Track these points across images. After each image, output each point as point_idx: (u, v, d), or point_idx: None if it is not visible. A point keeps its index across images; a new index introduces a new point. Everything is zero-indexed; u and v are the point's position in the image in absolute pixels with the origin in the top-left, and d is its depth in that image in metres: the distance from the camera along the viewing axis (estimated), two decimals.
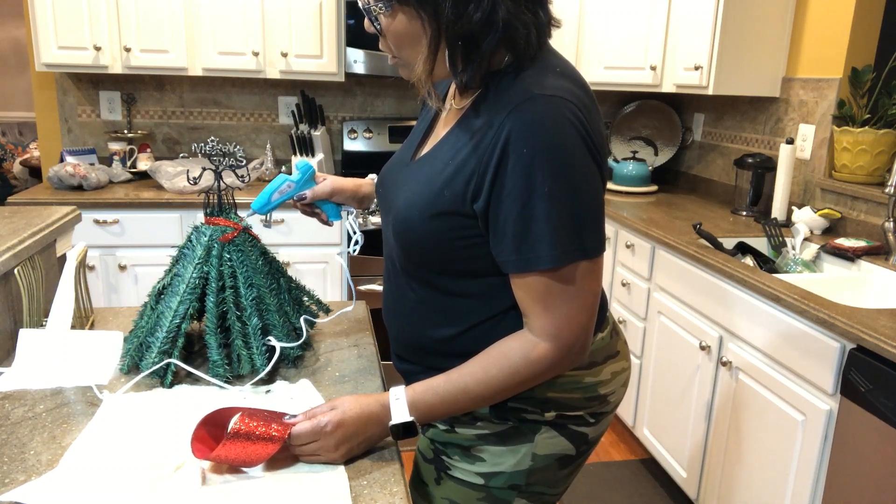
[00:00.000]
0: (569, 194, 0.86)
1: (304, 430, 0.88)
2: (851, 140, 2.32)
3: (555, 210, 0.85)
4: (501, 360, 0.93)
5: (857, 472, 1.54)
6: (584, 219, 0.88)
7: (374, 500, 0.84)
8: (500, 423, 1.01)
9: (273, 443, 0.86)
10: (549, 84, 0.88)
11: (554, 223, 0.86)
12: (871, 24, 2.37)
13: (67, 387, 1.09)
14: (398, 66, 0.96)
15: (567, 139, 0.85)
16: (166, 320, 1.10)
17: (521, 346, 0.92)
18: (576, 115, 0.87)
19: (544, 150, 0.84)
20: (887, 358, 1.45)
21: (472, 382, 0.93)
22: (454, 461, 1.04)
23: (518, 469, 1.01)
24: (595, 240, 0.89)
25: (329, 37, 2.97)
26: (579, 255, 0.88)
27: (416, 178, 0.98)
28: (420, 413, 0.94)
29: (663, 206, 2.90)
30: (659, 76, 2.94)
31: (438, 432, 1.06)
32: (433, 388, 0.94)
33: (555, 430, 1.02)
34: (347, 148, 3.36)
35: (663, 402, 2.39)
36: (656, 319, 2.42)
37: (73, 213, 1.56)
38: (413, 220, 0.94)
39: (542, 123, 0.85)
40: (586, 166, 0.87)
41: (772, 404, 1.82)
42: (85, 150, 3.12)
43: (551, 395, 1.00)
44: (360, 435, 0.91)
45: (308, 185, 1.19)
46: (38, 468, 0.87)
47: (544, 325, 0.91)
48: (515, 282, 0.92)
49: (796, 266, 2.20)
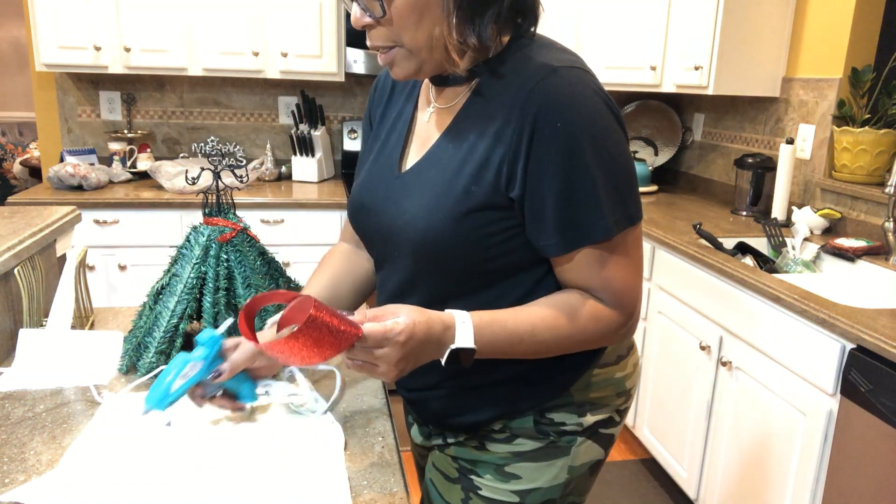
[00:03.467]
0: (609, 163, 0.85)
1: (375, 332, 0.77)
2: (851, 140, 2.31)
3: (598, 181, 0.84)
4: (570, 311, 0.89)
5: (857, 472, 1.54)
6: (625, 186, 0.87)
7: (374, 500, 0.84)
8: (541, 438, 0.98)
9: (345, 339, 0.76)
10: (561, 58, 0.87)
11: (599, 194, 0.84)
12: (871, 24, 2.37)
13: (67, 387, 1.09)
14: (394, 63, 0.88)
15: (598, 108, 0.85)
16: (164, 320, 1.10)
17: (594, 308, 0.90)
18: (594, 82, 0.87)
19: (579, 122, 0.83)
20: (887, 358, 1.44)
21: (542, 326, 0.87)
22: (485, 480, 0.99)
23: (555, 483, 0.99)
24: (637, 205, 0.89)
25: (329, 37, 2.97)
26: (627, 223, 0.88)
27: (423, 184, 0.91)
28: (483, 343, 0.85)
29: (663, 206, 2.90)
30: (659, 76, 2.94)
31: (466, 450, 1.01)
32: (500, 321, 0.86)
33: (589, 439, 1.00)
34: (347, 148, 3.36)
35: (663, 402, 2.39)
36: (656, 319, 2.42)
37: (73, 213, 1.56)
38: (438, 226, 0.87)
39: (569, 95, 0.83)
40: (616, 132, 0.87)
41: (772, 404, 1.82)
42: (85, 150, 3.12)
43: (588, 395, 0.99)
44: (420, 353, 0.81)
45: (217, 361, 0.92)
46: (38, 468, 0.87)
47: (606, 299, 0.90)
48: (563, 263, 0.89)
49: (796, 266, 2.20)
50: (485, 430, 1.00)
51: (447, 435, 1.04)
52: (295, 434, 0.96)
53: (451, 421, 1.02)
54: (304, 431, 0.97)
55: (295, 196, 2.89)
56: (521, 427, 0.98)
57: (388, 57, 0.89)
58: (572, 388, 0.98)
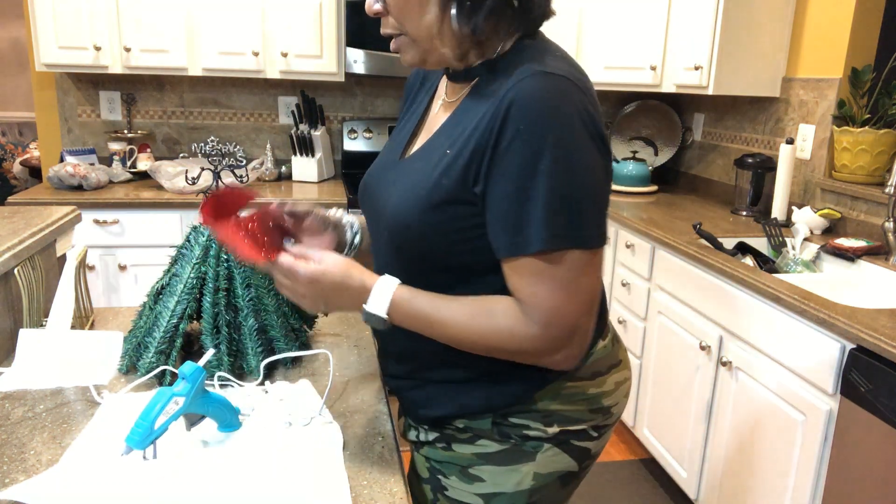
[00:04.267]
0: (567, 176, 0.81)
1: (283, 263, 0.89)
2: (851, 140, 2.31)
3: (551, 191, 0.81)
4: (489, 318, 0.88)
5: (857, 472, 1.54)
6: (583, 205, 0.83)
7: (374, 500, 0.84)
8: (501, 440, 0.97)
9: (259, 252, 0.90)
10: (550, 63, 0.85)
11: (549, 205, 0.81)
12: (871, 24, 2.37)
13: (67, 387, 1.09)
14: (402, 50, 0.92)
15: (568, 121, 0.82)
16: (164, 320, 1.10)
17: (513, 318, 0.87)
18: (578, 96, 0.83)
19: (543, 129, 0.81)
20: (887, 358, 1.44)
21: (453, 323, 0.89)
22: (451, 481, 1.00)
23: (519, 489, 0.98)
24: (594, 230, 0.85)
25: (329, 37, 2.97)
26: (574, 243, 0.83)
27: (409, 174, 0.94)
28: (395, 315, 0.90)
29: (663, 206, 2.90)
30: (659, 76, 2.94)
31: (435, 451, 1.02)
32: (417, 304, 0.89)
33: (557, 448, 0.98)
34: (347, 148, 3.36)
35: (663, 402, 2.39)
36: (656, 319, 2.42)
37: (73, 213, 1.56)
38: (410, 216, 0.90)
39: (542, 99, 0.81)
40: (587, 150, 0.83)
41: (772, 404, 1.82)
42: (85, 150, 3.12)
43: (555, 407, 0.97)
44: (331, 300, 0.91)
45: (201, 395, 0.92)
46: (38, 468, 0.87)
47: (532, 316, 0.86)
48: (508, 268, 0.87)
49: (796, 266, 2.20)
50: (450, 430, 1.01)
51: (420, 431, 1.05)
52: (294, 434, 0.96)
53: (420, 412, 1.04)
54: (304, 432, 0.97)
55: (295, 196, 2.89)
56: (480, 427, 0.98)
57: (396, 43, 0.93)
58: (536, 395, 0.96)
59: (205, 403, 0.93)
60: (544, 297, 0.85)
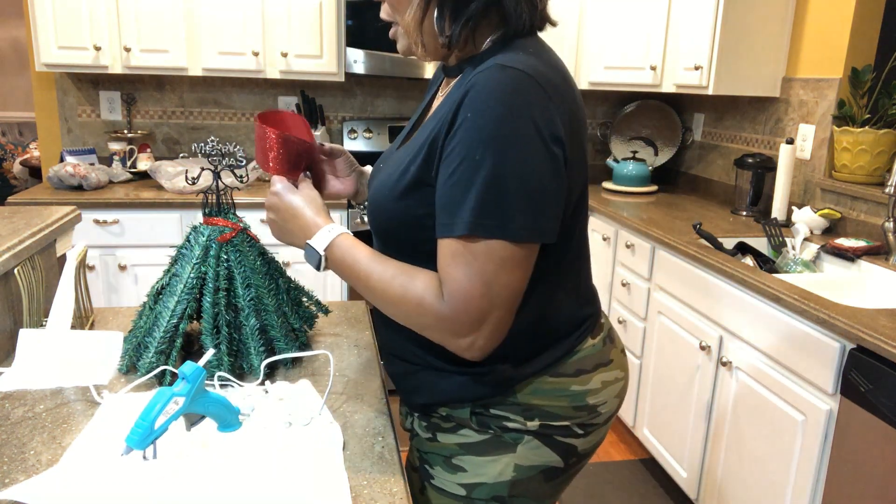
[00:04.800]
0: (502, 167, 0.82)
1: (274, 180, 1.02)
2: (851, 140, 2.31)
3: (484, 180, 0.82)
4: (408, 282, 0.90)
5: (857, 472, 1.54)
6: (514, 198, 0.83)
7: (374, 500, 0.84)
8: (481, 431, 0.99)
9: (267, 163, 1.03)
10: (515, 58, 0.86)
11: (481, 193, 0.82)
12: (871, 24, 2.37)
13: (67, 387, 1.09)
14: (396, 38, 0.98)
15: (513, 113, 0.82)
16: (164, 320, 1.10)
17: (428, 291, 0.88)
18: (533, 92, 0.84)
19: (485, 117, 0.82)
20: (887, 358, 1.44)
21: (376, 277, 0.92)
22: (435, 471, 1.03)
23: (500, 480, 0.99)
24: (523, 224, 0.84)
25: (329, 37, 2.97)
26: (495, 232, 0.83)
27: (392, 162, 0.99)
28: (330, 256, 0.96)
29: (663, 206, 2.90)
30: (659, 76, 2.94)
31: (421, 441, 1.05)
32: (353, 252, 0.95)
33: (539, 441, 0.99)
34: (347, 148, 3.36)
35: (663, 402, 2.39)
36: (656, 319, 2.42)
37: (73, 213, 1.56)
38: (384, 200, 0.94)
39: (492, 91, 0.83)
40: (530, 145, 0.83)
41: (772, 404, 1.82)
42: (85, 150, 3.12)
43: (536, 401, 0.98)
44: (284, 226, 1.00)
45: (201, 395, 0.92)
46: (38, 468, 0.87)
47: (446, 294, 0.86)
48: (438, 248, 0.88)
49: (796, 266, 2.20)
50: (436, 419, 1.03)
51: (413, 420, 1.08)
52: (294, 434, 0.96)
53: (409, 398, 1.07)
54: (304, 432, 0.97)
55: None
56: (461, 416, 1.00)
57: (392, 31, 0.98)
58: (516, 388, 0.98)
59: (205, 403, 0.93)
60: (459, 280, 0.85)
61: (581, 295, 1.03)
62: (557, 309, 0.99)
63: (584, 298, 1.04)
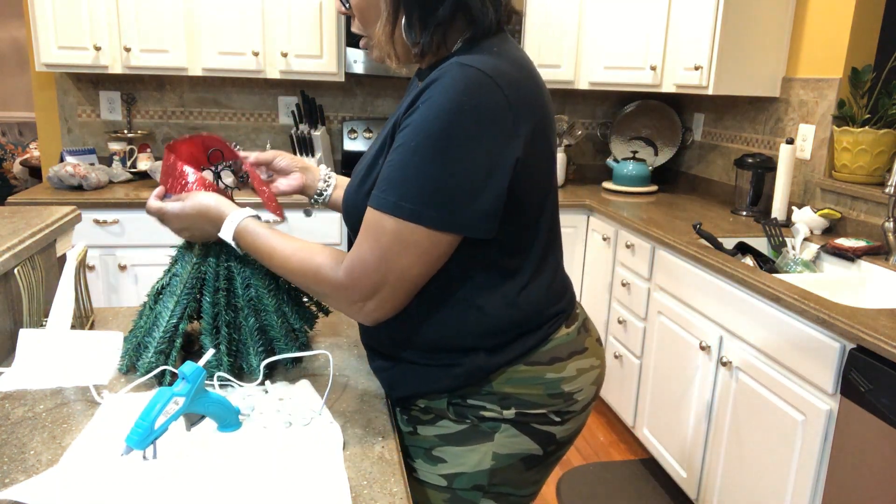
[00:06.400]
0: (434, 157, 0.85)
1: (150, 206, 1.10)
2: (851, 140, 2.32)
3: (413, 165, 0.86)
4: (309, 255, 0.97)
5: (857, 472, 1.54)
6: (443, 188, 0.86)
7: (374, 499, 0.84)
8: (459, 421, 1.01)
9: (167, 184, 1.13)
10: (476, 59, 0.89)
11: (405, 175, 0.87)
12: (871, 24, 2.37)
13: (67, 387, 1.09)
14: (370, 49, 0.99)
15: (456, 108, 0.85)
16: (163, 320, 1.10)
17: (327, 260, 0.95)
18: (487, 89, 0.86)
19: (433, 109, 0.86)
20: (887, 358, 1.44)
21: (280, 251, 1.00)
22: (417, 464, 1.04)
23: (479, 469, 1.00)
24: (439, 214, 0.87)
25: (329, 37, 2.97)
26: (409, 215, 0.87)
27: (363, 160, 1.02)
28: (241, 242, 1.04)
29: (663, 206, 2.90)
30: (659, 76, 2.94)
31: (406, 435, 1.06)
32: (259, 234, 1.02)
33: (516, 429, 1.01)
34: (347, 148, 3.36)
35: (663, 402, 2.39)
36: (656, 319, 2.42)
37: (73, 213, 1.56)
38: (354, 197, 0.98)
39: (446, 87, 0.86)
40: (471, 141, 0.86)
41: (772, 404, 1.82)
42: (85, 150, 3.12)
43: (511, 390, 0.99)
44: (196, 229, 1.07)
45: (201, 395, 0.92)
46: (38, 468, 0.87)
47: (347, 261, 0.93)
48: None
49: (796, 266, 2.20)
50: (416, 411, 1.05)
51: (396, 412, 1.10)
52: (294, 434, 0.96)
53: (391, 392, 1.09)
54: (303, 432, 0.97)
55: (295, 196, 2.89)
56: (439, 408, 1.02)
57: (363, 42, 1.01)
58: (491, 377, 0.99)
59: (205, 403, 0.93)
60: (362, 248, 0.91)
61: (553, 288, 1.05)
62: (528, 302, 1.00)
63: (556, 291, 1.06)
